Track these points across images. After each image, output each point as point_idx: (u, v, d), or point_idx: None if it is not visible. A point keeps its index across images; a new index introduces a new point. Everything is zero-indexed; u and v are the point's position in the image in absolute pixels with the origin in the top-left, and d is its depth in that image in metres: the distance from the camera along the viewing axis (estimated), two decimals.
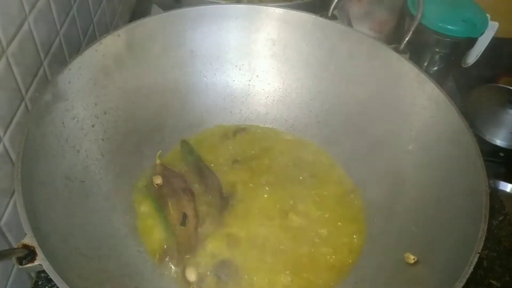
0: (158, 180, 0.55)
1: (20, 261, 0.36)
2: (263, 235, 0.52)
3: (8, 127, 0.47)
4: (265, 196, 0.56)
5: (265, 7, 0.60)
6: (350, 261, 0.51)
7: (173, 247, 0.50)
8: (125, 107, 0.57)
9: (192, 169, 0.58)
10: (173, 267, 0.49)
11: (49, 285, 0.54)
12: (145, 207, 0.54)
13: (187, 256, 0.50)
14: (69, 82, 0.50)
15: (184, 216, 0.51)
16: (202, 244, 0.51)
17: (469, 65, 0.76)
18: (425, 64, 0.69)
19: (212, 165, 0.59)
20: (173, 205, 0.52)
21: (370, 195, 0.56)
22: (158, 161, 0.57)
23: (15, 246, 0.37)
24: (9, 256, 0.36)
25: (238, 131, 0.63)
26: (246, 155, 0.60)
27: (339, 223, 0.54)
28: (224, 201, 0.55)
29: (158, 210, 0.53)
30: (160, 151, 0.58)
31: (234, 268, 0.49)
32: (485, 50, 0.73)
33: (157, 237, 0.51)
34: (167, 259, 0.49)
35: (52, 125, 0.47)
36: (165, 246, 0.51)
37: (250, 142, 0.62)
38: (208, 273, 0.49)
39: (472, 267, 0.39)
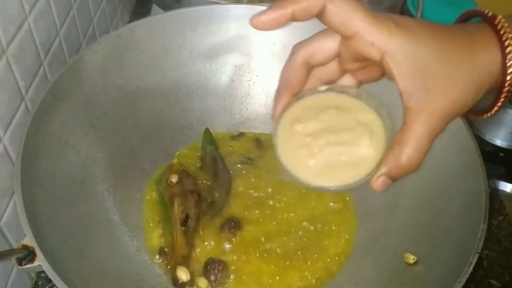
0: (174, 179, 0.55)
1: (20, 261, 0.36)
2: (258, 235, 0.52)
3: (8, 127, 0.47)
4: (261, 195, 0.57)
5: (265, 7, 0.60)
6: (345, 262, 0.51)
7: (170, 246, 0.50)
8: (125, 107, 0.57)
9: (208, 158, 0.59)
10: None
11: (49, 285, 0.54)
12: (150, 205, 0.55)
13: (182, 256, 0.50)
14: (69, 83, 0.50)
15: (187, 216, 0.51)
16: (198, 244, 0.51)
17: None
18: None
19: None
20: (179, 205, 0.52)
21: (370, 195, 0.56)
22: (175, 160, 0.58)
23: (15, 246, 0.37)
24: (9, 256, 0.36)
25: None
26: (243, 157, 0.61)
27: (337, 223, 0.54)
28: (228, 197, 0.55)
29: (163, 207, 0.53)
30: (179, 151, 0.59)
31: (227, 269, 0.49)
32: None
33: (157, 236, 0.52)
34: (166, 261, 0.50)
35: (52, 125, 0.47)
36: (162, 244, 0.51)
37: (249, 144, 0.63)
38: (202, 273, 0.49)
39: (472, 267, 0.39)
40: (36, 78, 0.52)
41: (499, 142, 0.71)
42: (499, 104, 0.30)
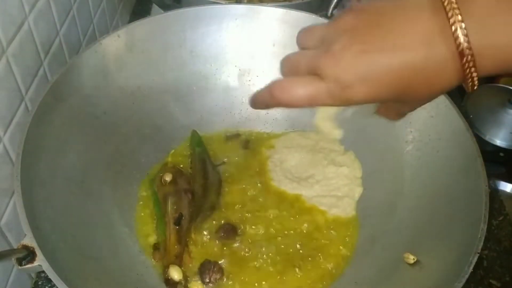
0: (167, 177, 0.55)
1: (20, 261, 0.36)
2: (255, 237, 0.52)
3: (8, 127, 0.47)
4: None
5: (265, 7, 0.60)
6: (345, 262, 0.51)
7: (163, 245, 0.50)
8: (124, 107, 0.57)
9: (197, 161, 0.58)
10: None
11: (49, 285, 0.54)
12: (146, 204, 0.55)
13: (175, 256, 0.49)
14: (69, 83, 0.50)
15: (180, 216, 0.51)
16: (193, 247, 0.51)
17: None
18: None
19: None
20: (172, 204, 0.53)
21: (370, 195, 0.56)
22: (169, 159, 0.58)
23: (15, 246, 0.37)
24: (9, 256, 0.36)
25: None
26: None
27: (336, 224, 0.54)
28: (219, 199, 0.55)
29: (157, 205, 0.54)
30: (173, 150, 0.59)
31: (222, 271, 0.49)
32: None
33: (151, 234, 0.52)
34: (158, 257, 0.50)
35: (52, 125, 0.47)
36: (154, 241, 0.51)
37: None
38: (197, 274, 0.49)
39: (471, 267, 0.39)
40: (36, 78, 0.52)
41: (499, 142, 0.71)
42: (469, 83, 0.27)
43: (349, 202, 0.55)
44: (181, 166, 0.58)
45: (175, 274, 0.48)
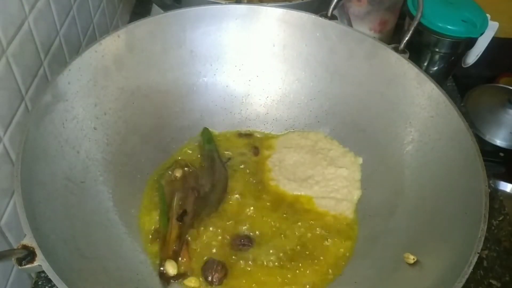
0: (178, 173, 0.56)
1: (20, 262, 0.36)
2: (257, 237, 0.52)
3: (8, 127, 0.47)
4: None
5: (265, 7, 0.60)
6: (345, 262, 0.51)
7: (162, 239, 0.50)
8: (125, 107, 0.57)
9: (206, 158, 0.59)
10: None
11: (49, 285, 0.54)
12: (146, 203, 0.55)
13: (173, 251, 0.50)
14: (68, 83, 0.50)
15: (184, 212, 0.52)
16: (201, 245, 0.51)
17: (469, 65, 0.76)
18: (425, 64, 0.69)
19: None
20: (178, 200, 0.53)
21: (370, 195, 0.56)
22: (180, 157, 0.59)
23: (15, 246, 0.37)
24: (8, 256, 0.36)
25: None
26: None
27: (337, 224, 0.54)
28: (224, 196, 0.55)
29: (162, 200, 0.54)
30: (185, 148, 0.60)
31: (225, 271, 0.49)
32: (485, 50, 0.73)
33: (151, 233, 0.52)
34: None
35: (52, 125, 0.47)
36: (153, 228, 0.52)
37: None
38: (200, 272, 0.49)
39: (471, 267, 0.39)
40: (36, 78, 0.52)
41: (499, 142, 0.71)
42: None
43: (348, 205, 0.55)
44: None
45: (170, 268, 0.48)
